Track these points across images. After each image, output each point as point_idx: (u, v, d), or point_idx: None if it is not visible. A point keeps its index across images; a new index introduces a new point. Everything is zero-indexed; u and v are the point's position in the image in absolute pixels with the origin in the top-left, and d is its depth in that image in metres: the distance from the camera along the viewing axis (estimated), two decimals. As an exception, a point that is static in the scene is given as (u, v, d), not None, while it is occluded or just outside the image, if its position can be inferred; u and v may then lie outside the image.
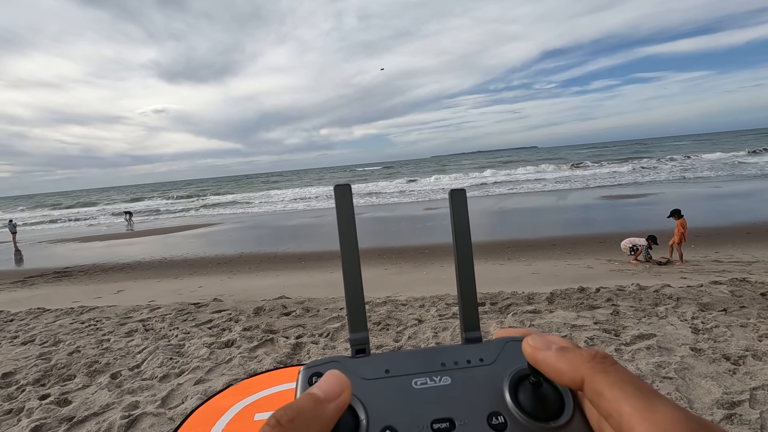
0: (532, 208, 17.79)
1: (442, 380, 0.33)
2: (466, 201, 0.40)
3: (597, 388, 0.26)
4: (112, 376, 3.96)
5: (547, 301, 5.08)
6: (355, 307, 0.37)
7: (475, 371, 0.34)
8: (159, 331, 5.12)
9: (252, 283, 8.51)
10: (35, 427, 3.14)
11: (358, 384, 0.31)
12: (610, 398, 0.25)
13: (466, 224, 0.39)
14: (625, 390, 0.25)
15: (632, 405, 0.24)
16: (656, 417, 0.23)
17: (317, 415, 0.25)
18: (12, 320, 6.19)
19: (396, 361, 0.34)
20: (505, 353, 0.35)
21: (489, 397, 0.32)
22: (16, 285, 10.26)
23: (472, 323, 0.38)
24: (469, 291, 0.39)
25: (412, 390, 0.32)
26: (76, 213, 40.33)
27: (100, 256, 13.85)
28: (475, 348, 0.35)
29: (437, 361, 0.34)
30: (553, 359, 0.28)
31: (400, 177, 48.23)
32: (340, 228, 0.37)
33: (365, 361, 0.34)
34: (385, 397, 0.31)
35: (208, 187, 78.46)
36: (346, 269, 0.37)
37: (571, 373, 0.27)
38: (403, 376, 0.33)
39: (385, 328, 4.63)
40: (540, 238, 10.95)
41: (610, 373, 0.26)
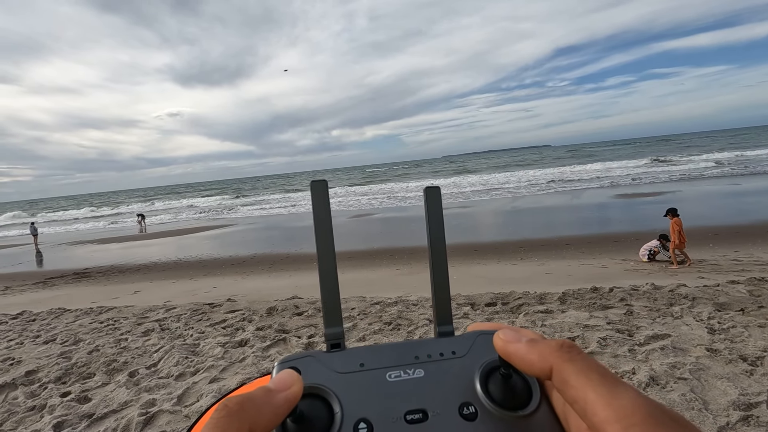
0: (546, 207, 17.61)
1: (416, 373, 0.33)
2: (440, 198, 0.40)
3: (564, 376, 0.27)
4: (130, 374, 4.06)
5: (559, 301, 5.04)
6: (330, 302, 0.37)
7: (448, 363, 0.34)
8: (175, 331, 5.22)
9: (265, 283, 8.61)
10: (57, 424, 3.24)
11: (332, 377, 0.32)
12: (576, 385, 0.26)
13: (441, 221, 0.40)
14: (590, 377, 0.26)
15: (596, 391, 0.25)
16: (618, 402, 0.24)
17: (267, 402, 0.27)
18: (34, 320, 6.38)
19: (371, 355, 0.34)
20: (477, 346, 0.36)
21: (461, 388, 0.33)
22: (37, 286, 10.55)
23: (445, 317, 0.39)
24: (442, 286, 0.40)
25: (387, 383, 0.33)
26: (96, 214, 41.26)
27: (117, 258, 14.16)
28: (447, 341, 0.36)
29: (411, 355, 0.35)
30: (524, 351, 0.30)
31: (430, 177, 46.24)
32: (316, 224, 0.38)
33: (340, 355, 0.34)
34: (360, 390, 0.32)
35: (224, 188, 79.38)
36: (322, 265, 0.37)
37: (540, 363, 0.29)
38: (377, 370, 0.33)
39: (396, 328, 4.65)
40: (553, 238, 10.85)
41: (577, 361, 0.28)
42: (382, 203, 25.99)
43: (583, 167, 37.15)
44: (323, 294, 0.37)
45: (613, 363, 3.43)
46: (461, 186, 31.91)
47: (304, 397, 0.30)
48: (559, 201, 19.01)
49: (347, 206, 26.33)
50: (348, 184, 49.19)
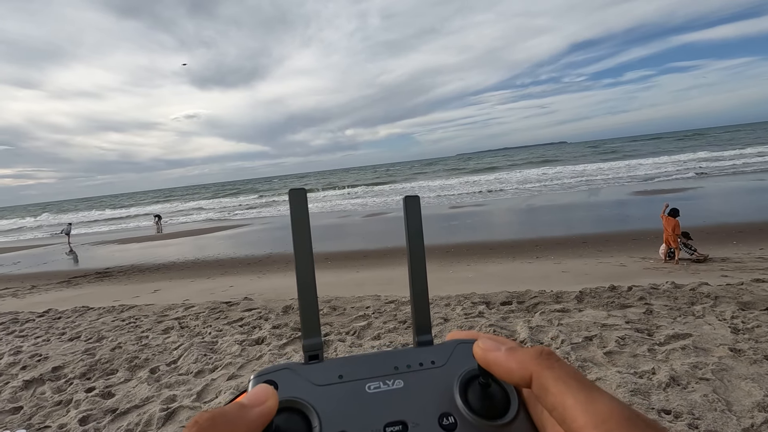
0: (562, 204, 17.37)
1: (395, 384, 0.33)
2: (419, 207, 0.40)
3: (543, 383, 0.28)
4: (151, 370, 4.16)
5: (576, 300, 4.97)
6: (308, 312, 0.36)
7: (427, 373, 0.34)
8: (193, 329, 5.33)
9: (281, 282, 8.70)
10: (82, 418, 3.35)
11: (310, 390, 0.32)
12: (555, 392, 0.27)
13: (420, 230, 0.40)
14: (569, 384, 0.27)
15: (574, 397, 0.26)
16: (596, 407, 0.25)
17: (240, 418, 0.26)
18: (60, 318, 6.58)
19: (349, 366, 0.34)
20: (456, 355, 0.36)
21: (440, 398, 0.33)
22: (62, 285, 10.87)
23: (424, 326, 0.39)
24: (422, 295, 0.39)
25: (366, 394, 0.32)
26: (116, 216, 42.30)
27: (137, 258, 14.49)
28: (426, 351, 0.36)
29: (390, 365, 0.34)
30: (503, 359, 0.30)
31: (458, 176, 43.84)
32: (295, 233, 0.37)
33: (318, 367, 0.34)
34: (339, 403, 0.31)
35: (240, 188, 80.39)
36: (300, 274, 0.36)
37: (520, 371, 0.29)
38: (356, 381, 0.33)
39: (410, 327, 4.65)
40: (570, 236, 10.69)
41: (555, 368, 0.28)
42: (398, 202, 25.99)
43: (602, 164, 36.43)
44: (301, 304, 0.36)
45: (632, 363, 3.37)
46: (477, 184, 31.67)
47: (280, 411, 0.30)
48: (576, 198, 18.72)
49: (362, 205, 26.42)
50: (368, 182, 49.26)
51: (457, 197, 24.59)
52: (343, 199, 32.35)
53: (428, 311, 0.39)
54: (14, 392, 3.94)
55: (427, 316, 0.39)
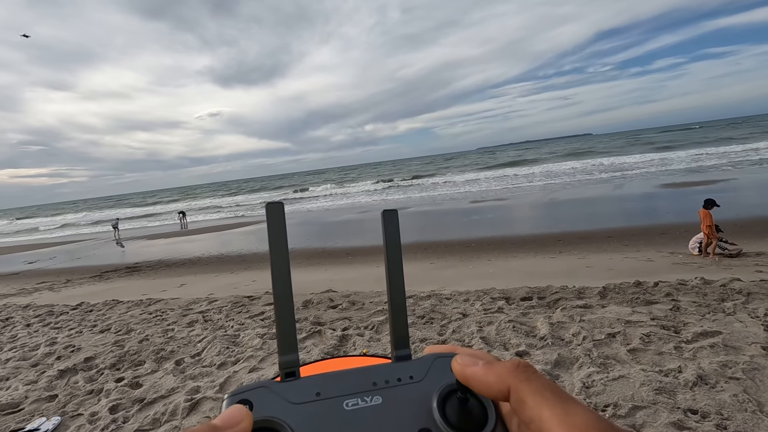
0: (586, 198, 16.94)
1: (374, 400, 0.33)
2: (398, 221, 0.40)
3: (521, 396, 0.28)
4: (177, 362, 4.30)
5: (599, 296, 4.85)
6: (284, 328, 0.36)
7: (406, 389, 0.34)
8: (217, 322, 5.47)
9: (301, 277, 8.81)
10: (112, 407, 3.49)
11: (286, 409, 0.31)
12: (532, 405, 0.27)
13: (398, 244, 0.39)
14: (545, 396, 0.27)
15: (551, 410, 0.26)
16: (572, 420, 0.25)
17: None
18: (91, 311, 6.87)
19: (327, 383, 0.33)
20: (434, 370, 0.35)
21: (419, 413, 0.32)
22: (94, 279, 11.32)
23: (402, 341, 0.39)
24: (400, 309, 0.39)
25: (344, 412, 0.32)
26: (145, 213, 43.71)
27: (164, 253, 14.94)
28: (405, 366, 0.36)
29: (368, 381, 0.34)
30: (481, 374, 0.30)
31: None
32: (272, 247, 0.36)
33: (295, 385, 0.33)
34: (316, 421, 0.31)
35: (264, 185, 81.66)
36: (277, 289, 0.36)
37: (498, 384, 0.29)
38: (334, 398, 0.32)
39: (429, 322, 4.65)
40: (594, 230, 10.43)
41: (532, 381, 0.29)
42: (419, 198, 25.92)
43: (629, 156, 35.27)
44: (278, 320, 0.36)
45: (657, 361, 3.28)
46: (499, 178, 31.23)
47: (257, 431, 0.29)
48: (601, 192, 18.23)
49: (385, 200, 26.46)
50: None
51: (478, 192, 24.31)
52: (367, 195, 32.45)
53: (406, 325, 0.39)
54: (50, 381, 4.14)
55: (405, 330, 0.39)
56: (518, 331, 4.07)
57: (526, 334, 4.03)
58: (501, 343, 3.89)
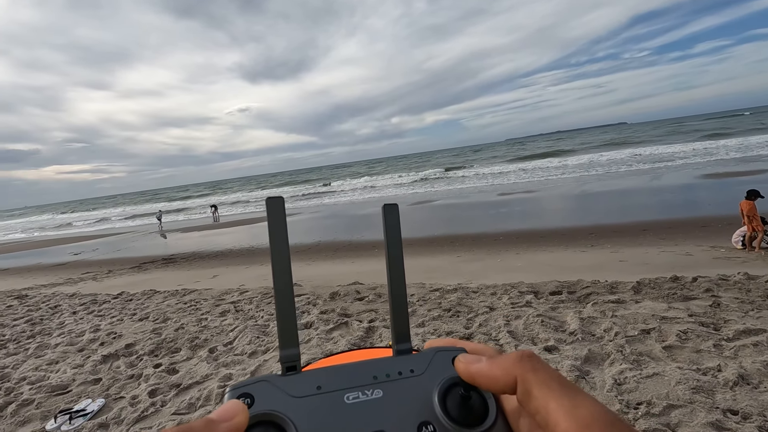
0: (621, 189, 16.33)
1: (374, 393, 0.33)
2: (398, 215, 0.40)
3: (527, 387, 0.28)
4: (210, 350, 4.47)
5: (632, 291, 4.69)
6: (285, 323, 0.36)
7: (406, 382, 0.34)
8: (247, 312, 5.64)
9: (328, 269, 8.94)
10: (151, 391, 3.68)
11: (287, 402, 0.31)
12: (538, 396, 0.27)
13: (398, 238, 0.40)
14: (552, 387, 0.27)
15: (558, 401, 0.26)
16: (579, 412, 0.25)
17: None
18: (131, 300, 7.22)
19: (328, 377, 0.34)
20: (435, 363, 0.35)
21: (420, 407, 0.32)
22: (133, 270, 11.86)
23: (403, 335, 0.39)
24: (401, 304, 0.39)
25: (345, 405, 0.32)
26: (180, 207, 45.34)
27: (198, 245, 15.47)
28: (406, 359, 0.36)
29: (369, 375, 0.34)
30: (487, 369, 0.30)
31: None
32: (272, 242, 0.36)
33: (296, 379, 0.33)
34: (317, 414, 0.31)
35: (292, 179, 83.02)
36: (278, 284, 0.36)
37: (505, 377, 0.29)
38: (335, 392, 0.33)
39: (455, 315, 4.63)
40: (629, 223, 10.06)
41: (539, 371, 0.28)
42: (446, 190, 25.71)
43: (666, 146, 33.64)
44: (278, 314, 0.36)
45: (694, 358, 3.15)
46: (530, 170, 30.53)
47: (257, 424, 0.29)
48: (636, 183, 17.51)
49: (411, 192, 26.40)
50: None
51: (507, 184, 23.86)
52: (394, 188, 32.46)
53: (407, 320, 0.39)
54: (95, 365, 4.40)
55: (406, 324, 0.39)
56: (547, 325, 3.99)
57: (555, 328, 3.95)
58: (529, 338, 3.84)
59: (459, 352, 0.36)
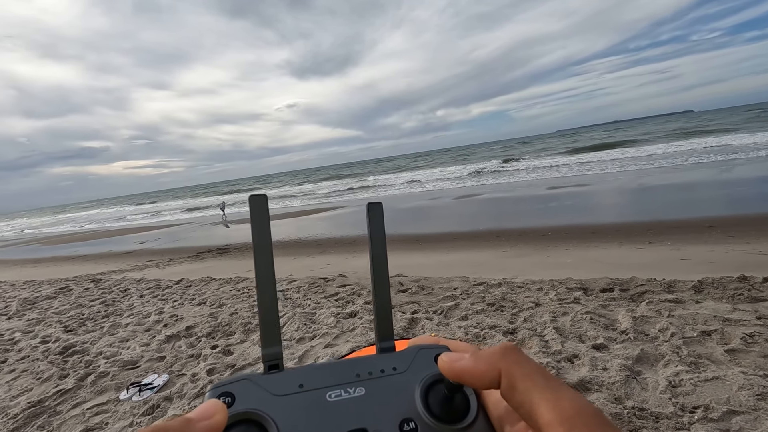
0: (685, 183, 15.20)
1: (357, 391, 0.33)
2: (382, 213, 0.40)
3: (511, 381, 0.28)
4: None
5: (693, 290, 4.40)
6: (268, 321, 0.36)
7: (389, 380, 0.34)
8: (296, 301, 5.89)
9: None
10: (209, 370, 3.97)
11: (269, 401, 0.31)
12: (522, 390, 0.28)
13: (383, 236, 0.39)
14: (536, 381, 0.28)
15: (541, 394, 0.27)
16: (562, 405, 0.26)
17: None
18: (190, 286, 7.75)
19: (310, 375, 0.34)
20: (417, 361, 0.36)
21: (401, 404, 0.33)
22: (191, 258, 12.68)
23: (386, 333, 0.39)
24: (384, 302, 0.39)
25: (327, 403, 0.32)
26: (233, 200, 47.66)
27: (248, 237, 16.20)
28: (388, 357, 0.36)
29: (352, 373, 0.34)
30: (471, 366, 0.30)
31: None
32: (255, 239, 0.36)
33: (278, 377, 0.33)
34: (298, 412, 0.31)
35: (337, 173, 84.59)
36: (260, 282, 0.35)
37: (489, 371, 0.30)
38: (317, 390, 0.33)
39: (499, 310, 4.58)
40: (692, 218, 9.37)
41: (523, 365, 0.29)
42: (493, 184, 25.17)
43: (744, 135, 30.71)
44: (261, 312, 0.35)
45: (761, 364, 2.93)
46: (584, 164, 29.13)
47: (238, 423, 0.29)
48: (703, 175, 16.22)
49: (460, 186, 26.11)
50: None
51: (558, 178, 22.93)
52: (439, 182, 32.23)
53: (391, 318, 0.39)
54: (159, 344, 4.80)
55: (390, 322, 0.39)
56: (596, 323, 3.86)
57: (605, 327, 3.81)
58: (576, 335, 3.73)
59: (442, 350, 0.36)
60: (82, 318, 6.27)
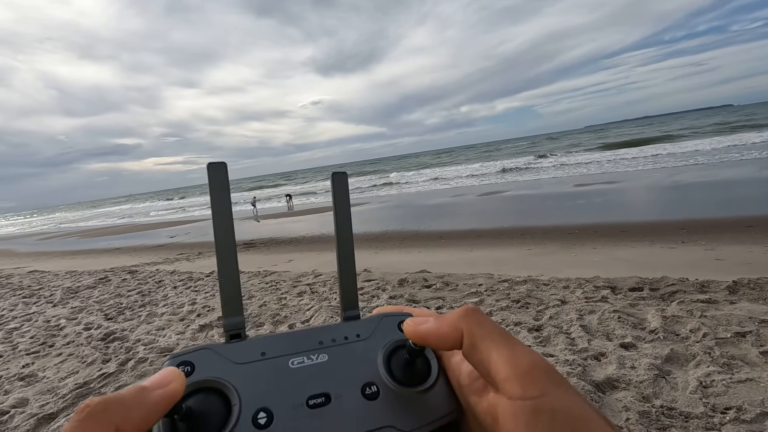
0: (722, 181, 14.59)
1: (319, 358, 0.33)
2: (347, 183, 0.40)
3: (472, 341, 0.30)
4: (289, 326, 4.88)
5: (727, 291, 4.28)
6: (229, 290, 0.35)
7: (352, 346, 0.34)
8: (322, 294, 6.03)
9: (396, 257, 9.15)
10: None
11: (230, 369, 0.31)
12: (482, 348, 0.29)
13: (347, 206, 0.39)
14: (495, 339, 0.29)
15: (499, 352, 0.28)
16: (518, 360, 0.27)
17: (138, 402, 0.24)
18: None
19: (273, 344, 0.33)
20: (381, 328, 0.36)
21: (364, 369, 0.33)
22: (220, 252, 13.10)
23: (351, 302, 0.39)
24: (349, 271, 0.39)
25: (289, 370, 0.31)
26: (260, 196, 48.67)
27: (274, 232, 16.58)
28: (352, 325, 0.36)
29: (315, 340, 0.34)
30: (435, 328, 0.32)
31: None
32: (214, 207, 0.35)
33: (239, 346, 0.33)
34: (260, 380, 0.30)
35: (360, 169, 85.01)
36: (220, 250, 0.35)
37: (452, 332, 0.31)
38: (279, 357, 0.32)
39: (524, 307, 4.58)
40: (729, 217, 9.02)
41: (483, 324, 0.30)
42: (517, 181, 24.81)
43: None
44: (221, 281, 0.35)
45: (799, 367, 2.85)
46: (614, 161, 28.32)
47: (197, 392, 0.29)
48: (743, 172, 15.53)
49: (481, 182, 25.87)
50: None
51: (586, 174, 22.38)
52: (463, 179, 31.99)
53: (355, 288, 0.39)
54: (193, 333, 5.02)
55: (354, 292, 0.39)
56: (624, 322, 3.81)
57: (634, 326, 3.76)
58: (603, 333, 3.70)
59: (405, 317, 0.37)
60: (121, 307, 6.61)
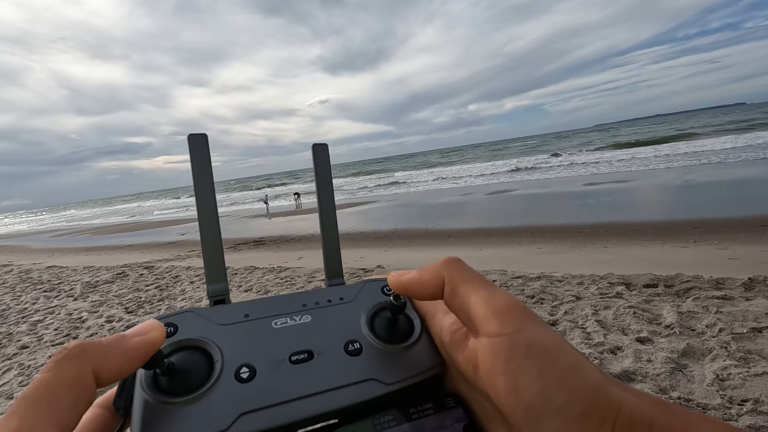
0: (735, 180, 14.46)
1: (303, 319, 0.33)
2: (328, 154, 0.40)
3: (453, 287, 0.31)
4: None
5: (743, 287, 4.29)
6: (212, 257, 0.36)
7: (335, 308, 0.35)
8: (336, 290, 6.13)
9: (406, 255, 9.22)
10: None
11: (213, 329, 0.31)
12: (462, 293, 0.30)
13: (329, 177, 0.40)
14: (474, 284, 0.30)
15: (477, 294, 0.29)
16: (495, 301, 0.29)
17: (116, 346, 0.25)
18: (236, 274, 8.16)
19: (256, 307, 0.34)
20: (364, 292, 0.37)
21: (347, 328, 0.33)
22: (229, 250, 13.22)
23: (335, 270, 0.40)
24: (332, 240, 0.40)
25: (271, 329, 0.32)
26: (277, 192, 48.98)
27: (283, 230, 16.71)
28: (336, 289, 0.37)
29: (299, 303, 0.35)
30: (417, 276, 0.33)
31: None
32: (196, 178, 0.35)
33: (223, 309, 0.33)
34: (243, 338, 0.31)
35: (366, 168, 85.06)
36: (203, 219, 0.35)
37: (434, 280, 0.32)
38: (262, 319, 0.33)
39: (539, 302, 4.63)
40: (742, 217, 8.97)
41: (464, 271, 0.32)
42: (526, 180, 24.75)
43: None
44: (205, 249, 0.35)
45: (817, 361, 2.88)
46: (624, 160, 28.12)
47: (180, 350, 0.29)
48: (755, 172, 15.37)
49: (489, 181, 25.83)
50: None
51: (596, 174, 22.27)
52: (471, 178, 31.96)
53: (339, 256, 0.40)
54: (212, 326, 5.14)
55: (338, 260, 0.40)
56: (640, 317, 3.85)
57: (649, 321, 3.80)
58: (619, 328, 3.74)
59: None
60: (140, 301, 6.76)
